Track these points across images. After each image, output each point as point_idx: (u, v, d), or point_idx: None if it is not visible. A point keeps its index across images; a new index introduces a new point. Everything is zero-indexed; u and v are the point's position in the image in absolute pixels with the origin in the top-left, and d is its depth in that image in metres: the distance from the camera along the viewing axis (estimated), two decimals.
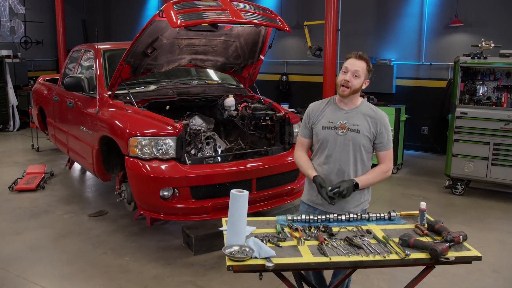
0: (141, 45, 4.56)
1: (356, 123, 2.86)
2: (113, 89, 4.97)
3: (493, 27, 7.95)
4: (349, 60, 2.85)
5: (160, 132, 4.29)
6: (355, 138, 2.85)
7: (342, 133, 2.85)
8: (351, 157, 2.87)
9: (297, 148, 3.10)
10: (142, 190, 4.36)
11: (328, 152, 2.88)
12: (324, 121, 2.91)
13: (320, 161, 2.93)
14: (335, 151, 2.87)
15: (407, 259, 2.26)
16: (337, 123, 2.87)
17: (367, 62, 2.84)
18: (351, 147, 2.86)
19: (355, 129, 2.85)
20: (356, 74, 2.80)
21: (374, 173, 2.92)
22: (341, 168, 2.87)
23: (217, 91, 5.47)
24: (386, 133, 2.90)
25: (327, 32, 7.62)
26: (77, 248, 4.55)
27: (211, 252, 4.44)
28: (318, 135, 2.92)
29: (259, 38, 5.22)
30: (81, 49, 6.35)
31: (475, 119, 6.10)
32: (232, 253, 2.20)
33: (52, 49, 12.79)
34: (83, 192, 6.49)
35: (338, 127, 2.86)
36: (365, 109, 2.92)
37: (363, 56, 2.84)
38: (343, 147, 2.86)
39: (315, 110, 2.98)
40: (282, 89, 10.47)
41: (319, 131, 2.91)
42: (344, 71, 2.83)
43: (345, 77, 2.81)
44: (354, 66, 2.81)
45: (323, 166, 2.91)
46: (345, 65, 2.84)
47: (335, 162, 2.87)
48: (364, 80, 2.85)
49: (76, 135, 5.77)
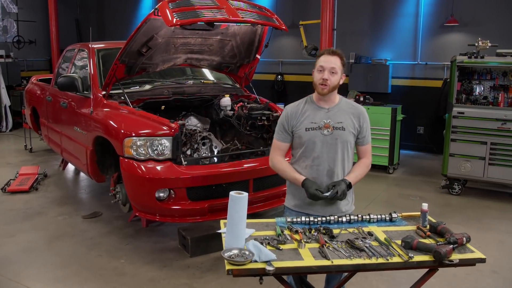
0: (135, 44, 4.49)
1: (340, 120, 2.81)
2: (108, 88, 4.90)
3: (488, 26, 7.94)
4: (323, 57, 2.77)
5: (155, 132, 4.23)
6: (342, 136, 2.80)
7: (328, 133, 2.79)
8: (339, 156, 2.81)
9: (274, 153, 2.95)
10: (137, 192, 4.29)
11: (315, 154, 2.80)
12: (306, 123, 2.81)
13: (306, 164, 2.83)
14: (323, 152, 2.80)
15: (410, 261, 2.21)
16: (321, 123, 2.80)
17: (341, 56, 2.78)
18: (339, 146, 2.80)
19: (340, 127, 2.80)
20: (333, 71, 2.74)
21: (361, 169, 2.88)
22: (331, 168, 2.81)
23: (213, 91, 5.41)
24: (367, 127, 2.89)
25: (322, 32, 7.59)
26: (71, 251, 4.48)
27: (207, 254, 4.38)
28: (302, 138, 2.82)
29: (255, 37, 5.16)
30: (75, 49, 6.27)
31: (472, 118, 6.08)
32: (231, 257, 2.15)
33: (45, 49, 12.68)
34: (77, 193, 6.41)
35: (323, 126, 2.79)
36: (345, 105, 2.88)
37: (336, 52, 2.77)
38: (331, 146, 2.80)
39: (294, 112, 2.87)
40: (277, 89, 10.42)
41: (303, 134, 2.82)
42: (319, 70, 2.76)
43: (323, 76, 2.74)
44: (330, 63, 2.74)
45: (310, 169, 2.82)
46: (320, 63, 2.76)
47: (324, 163, 2.80)
48: (341, 76, 2.80)
49: (69, 135, 5.70)
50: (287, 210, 2.98)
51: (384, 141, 7.31)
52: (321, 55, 2.79)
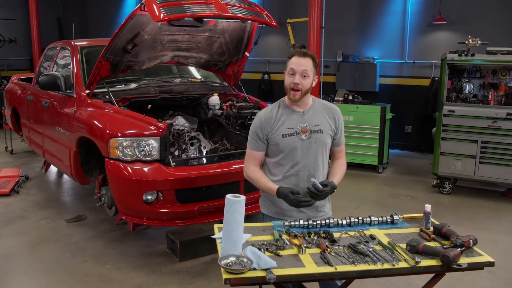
0: (121, 41, 4.33)
1: (317, 123, 2.69)
2: (92, 87, 4.73)
3: (476, 25, 7.93)
4: (293, 59, 2.59)
5: (142, 132, 4.07)
6: (319, 139, 2.68)
7: (306, 137, 2.66)
8: (319, 159, 2.70)
9: (247, 162, 2.78)
10: (123, 194, 4.13)
11: (294, 160, 2.67)
12: (283, 129, 2.66)
13: (284, 172, 2.69)
14: (302, 158, 2.67)
15: (417, 267, 2.10)
16: (297, 127, 2.66)
17: (313, 58, 2.61)
18: (318, 149, 2.68)
19: (317, 130, 2.68)
20: (305, 74, 2.57)
21: (341, 170, 2.79)
22: (311, 173, 2.68)
23: (200, 90, 5.26)
24: (342, 126, 2.80)
25: (311, 30, 7.49)
26: (55, 256, 4.30)
27: (197, 258, 4.25)
28: (280, 145, 2.66)
29: (244, 34, 5.03)
30: (57, 46, 6.08)
31: (463, 117, 6.03)
32: (228, 265, 2.01)
33: (26, 48, 12.38)
34: (60, 196, 6.21)
35: (300, 131, 2.66)
36: (320, 106, 2.76)
37: (307, 53, 2.60)
38: (309, 151, 2.67)
39: (268, 118, 2.69)
40: (264, 88, 10.32)
41: (280, 141, 2.66)
42: (290, 73, 2.59)
43: (294, 80, 2.57)
44: (301, 65, 2.57)
45: (290, 177, 2.68)
46: (290, 66, 2.58)
47: (303, 169, 2.67)
48: (313, 78, 2.64)
49: (52, 136, 5.51)
50: (267, 218, 2.81)
51: (373, 140, 7.22)
52: (291, 56, 2.61)
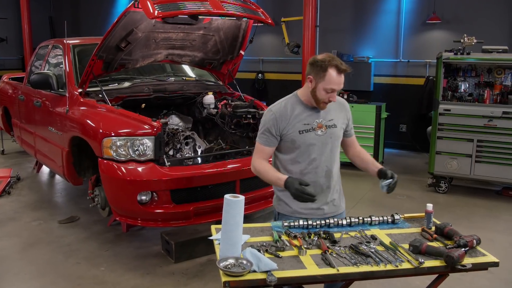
0: (114, 38, 4.26)
1: (331, 118, 2.68)
2: (84, 86, 4.65)
3: (470, 24, 7.91)
4: (335, 76, 2.48)
5: (136, 131, 4.00)
6: (335, 134, 2.69)
7: (322, 133, 2.64)
8: (334, 154, 2.71)
9: (256, 157, 2.70)
10: (117, 195, 4.06)
11: (312, 157, 2.64)
12: (299, 125, 2.62)
13: (301, 169, 2.65)
14: (319, 154, 2.65)
15: (421, 267, 2.05)
16: (314, 123, 2.64)
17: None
18: (333, 144, 2.69)
19: (332, 125, 2.68)
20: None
21: (369, 155, 2.88)
22: (328, 168, 2.68)
23: (195, 88, 5.20)
24: (351, 117, 2.83)
25: (305, 29, 7.43)
26: (47, 259, 4.22)
27: (192, 259, 4.19)
28: (296, 142, 2.62)
29: (239, 32, 4.97)
30: (49, 45, 5.99)
31: (459, 115, 6.01)
32: (227, 267, 1.95)
33: (17, 47, 12.23)
34: (52, 197, 6.12)
35: (316, 127, 2.64)
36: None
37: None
38: (326, 146, 2.66)
39: (283, 114, 2.63)
40: (258, 88, 10.27)
41: (296, 137, 2.61)
42: (328, 91, 2.52)
43: (331, 97, 2.56)
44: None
45: (308, 174, 2.64)
46: (331, 86, 2.49)
47: (321, 164, 2.66)
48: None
49: (44, 136, 5.42)
50: (282, 217, 2.73)
51: (369, 139, 7.19)
52: (331, 67, 2.48)
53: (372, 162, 2.80)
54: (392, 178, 2.56)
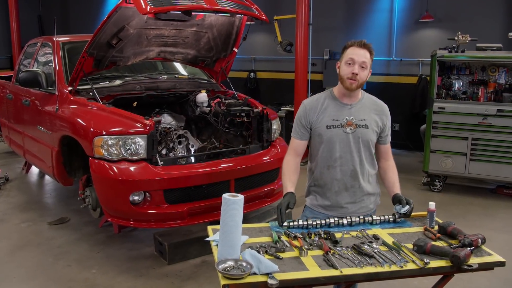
0: (105, 35, 4.15)
1: (363, 118, 2.59)
2: (74, 84, 4.54)
3: (463, 22, 7.88)
4: (352, 49, 2.51)
5: (128, 130, 3.90)
6: (365, 135, 2.59)
7: (350, 131, 2.57)
8: (363, 156, 2.61)
9: (288, 152, 2.74)
10: (109, 195, 3.96)
11: (337, 154, 2.59)
12: (327, 120, 2.59)
13: (328, 165, 2.62)
14: (346, 152, 2.59)
15: (426, 268, 1.98)
16: (343, 120, 2.58)
17: (371, 50, 2.54)
18: (361, 145, 2.59)
19: (363, 125, 2.58)
20: (363, 66, 2.51)
21: (395, 175, 2.73)
22: (355, 169, 2.61)
23: (188, 86, 5.11)
24: (389, 125, 2.69)
25: (298, 27, 7.38)
26: (37, 261, 4.11)
27: (186, 261, 4.12)
28: (323, 136, 2.60)
29: (233, 29, 4.89)
30: (37, 43, 5.86)
31: (453, 114, 5.98)
32: (227, 270, 1.86)
33: (5, 46, 12.05)
34: (42, 198, 6.01)
35: (345, 124, 2.57)
36: (368, 101, 2.67)
37: (366, 45, 2.53)
38: (353, 145, 2.59)
39: (314, 107, 2.64)
40: (250, 87, 10.19)
41: (323, 132, 2.59)
42: (348, 63, 2.51)
43: (353, 70, 2.49)
44: (361, 56, 2.49)
45: (332, 170, 2.61)
46: (350, 56, 2.50)
47: (347, 163, 2.60)
48: (369, 71, 2.58)
49: (33, 136, 5.31)
50: (307, 209, 2.77)
51: None
52: (348, 46, 2.53)
53: (393, 183, 2.70)
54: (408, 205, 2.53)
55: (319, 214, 2.68)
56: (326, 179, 2.64)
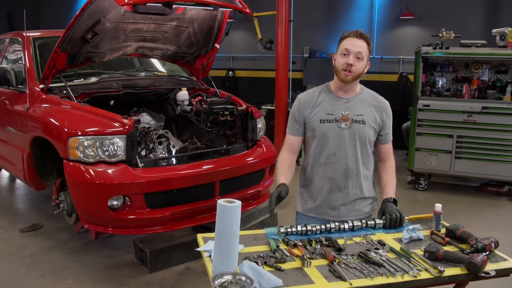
0: (79, 29, 3.90)
1: (360, 113, 2.43)
2: (47, 81, 4.26)
3: (443, 19, 7.87)
4: (348, 40, 2.38)
5: (105, 130, 3.66)
6: (361, 131, 2.42)
7: (346, 126, 2.41)
8: (358, 153, 2.45)
9: (283, 148, 2.62)
10: (86, 200, 3.70)
11: (330, 150, 2.43)
12: (321, 114, 2.44)
13: (320, 161, 2.47)
14: (340, 148, 2.42)
15: (442, 277, 1.82)
16: (338, 114, 2.42)
17: (368, 41, 2.40)
18: (358, 142, 2.43)
19: (360, 120, 2.42)
20: (359, 56, 2.36)
21: (393, 177, 2.57)
22: (349, 167, 2.44)
23: (168, 84, 4.87)
24: (390, 123, 2.53)
25: (279, 23, 7.24)
26: (7, 272, 3.85)
27: (169, 268, 3.91)
28: (316, 131, 2.45)
29: (214, 23, 4.69)
30: (6, 39, 5.55)
31: (438, 111, 5.91)
32: (224, 285, 1.66)
33: None
34: (12, 203, 5.71)
35: (340, 119, 2.41)
36: (367, 96, 2.51)
37: (363, 35, 2.39)
38: (348, 142, 2.42)
39: (308, 101, 2.50)
40: (228, 85, 10.02)
41: (317, 126, 2.44)
42: (343, 53, 2.37)
43: (348, 61, 2.35)
44: (356, 47, 2.35)
45: (325, 168, 2.46)
46: (345, 46, 2.37)
47: (341, 161, 2.43)
48: (367, 62, 2.42)
49: (2, 137, 5.01)
50: (299, 216, 2.63)
51: None
52: (345, 37, 2.41)
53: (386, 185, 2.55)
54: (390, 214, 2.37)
55: (311, 219, 2.53)
56: (318, 177, 2.49)
